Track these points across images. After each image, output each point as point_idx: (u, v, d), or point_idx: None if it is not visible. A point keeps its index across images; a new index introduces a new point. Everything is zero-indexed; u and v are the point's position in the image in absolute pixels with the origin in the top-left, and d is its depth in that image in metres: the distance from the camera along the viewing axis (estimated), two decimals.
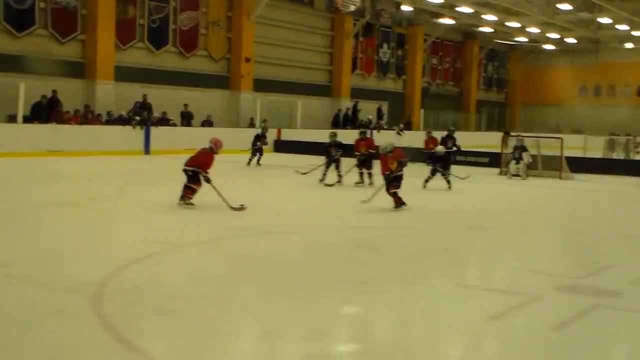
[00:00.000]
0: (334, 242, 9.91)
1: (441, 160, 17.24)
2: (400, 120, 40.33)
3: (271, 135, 30.20)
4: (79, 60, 26.46)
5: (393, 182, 12.88)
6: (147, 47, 28.72)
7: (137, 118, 25.47)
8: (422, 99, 43.35)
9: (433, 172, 17.11)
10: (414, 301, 6.94)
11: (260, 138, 22.49)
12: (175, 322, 5.92)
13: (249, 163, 21.98)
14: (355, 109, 36.73)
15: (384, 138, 31.91)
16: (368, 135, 18.81)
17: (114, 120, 25.60)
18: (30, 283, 6.94)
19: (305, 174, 16.66)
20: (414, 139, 34.86)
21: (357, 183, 17.06)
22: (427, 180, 16.90)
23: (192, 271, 7.79)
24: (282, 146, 29.30)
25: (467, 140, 27.71)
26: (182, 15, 29.85)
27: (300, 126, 32.56)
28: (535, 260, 9.24)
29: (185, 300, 6.53)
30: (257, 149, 22.20)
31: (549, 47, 49.00)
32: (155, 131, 25.42)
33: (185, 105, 28.54)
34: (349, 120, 35.40)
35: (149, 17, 28.62)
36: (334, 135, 17.63)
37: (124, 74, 27.16)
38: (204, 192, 12.75)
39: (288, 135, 30.28)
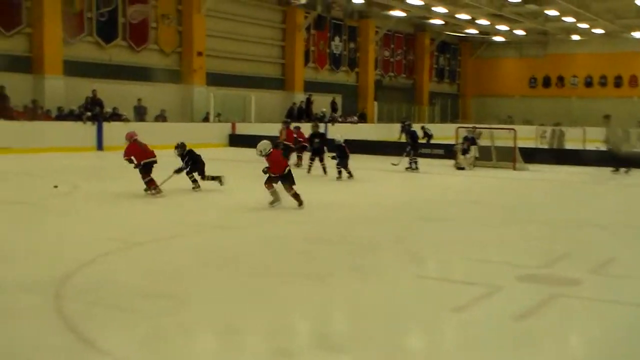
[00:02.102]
0: (288, 236, 9.86)
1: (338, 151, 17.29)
2: (355, 112, 40.53)
3: (225, 129, 30.11)
4: (26, 55, 25.89)
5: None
6: (96, 41, 28.24)
7: (89, 113, 25.03)
8: (375, 91, 43.50)
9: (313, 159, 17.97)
10: (373, 293, 6.91)
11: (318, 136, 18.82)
12: (136, 320, 5.84)
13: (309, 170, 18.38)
14: (308, 102, 36.69)
15: (338, 130, 32.14)
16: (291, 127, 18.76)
17: (64, 115, 25.12)
18: None
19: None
20: (369, 130, 35.11)
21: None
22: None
23: (150, 268, 7.67)
24: (237, 140, 29.12)
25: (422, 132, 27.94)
26: (131, 9, 29.39)
27: (254, 120, 32.39)
28: (493, 250, 9.29)
29: (145, 297, 6.45)
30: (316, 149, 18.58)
31: (498, 39, 49.59)
32: (107, 127, 25.02)
33: (139, 100, 28.22)
34: (303, 113, 35.33)
35: (97, 11, 28.10)
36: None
37: (73, 69, 26.66)
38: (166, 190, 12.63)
39: (242, 129, 30.09)
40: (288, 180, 12.20)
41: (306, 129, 20.41)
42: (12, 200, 12.39)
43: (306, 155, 18.95)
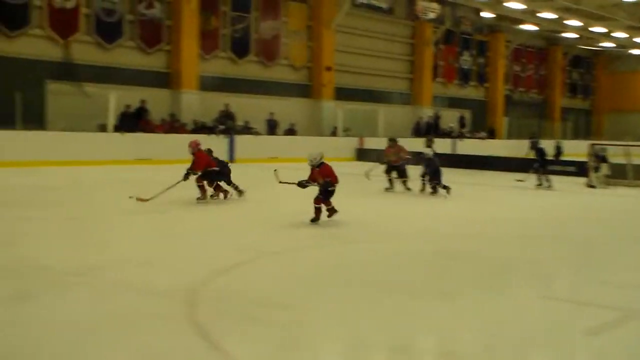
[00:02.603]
0: (416, 251, 9.84)
1: (429, 167, 16.76)
2: (483, 128, 39.99)
3: (353, 144, 30.40)
4: (164, 70, 27.17)
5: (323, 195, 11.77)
6: (229, 56, 29.29)
7: (221, 126, 25.95)
8: (505, 106, 42.71)
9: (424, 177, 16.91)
10: (501, 313, 6.78)
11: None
12: (265, 329, 5.99)
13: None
14: (436, 117, 36.50)
15: (467, 146, 31.75)
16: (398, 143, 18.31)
17: (199, 129, 26.14)
18: (123, 288, 7.13)
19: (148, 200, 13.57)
20: (498, 146, 34.54)
21: (386, 189, 17.26)
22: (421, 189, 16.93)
23: (279, 279, 7.85)
24: (364, 154, 29.34)
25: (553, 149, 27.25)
26: (263, 25, 30.28)
27: (382, 134, 32.52)
28: (629, 273, 8.91)
29: (273, 307, 6.60)
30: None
31: (637, 51, 47.57)
32: (239, 139, 25.85)
33: (271, 113, 29.02)
34: (431, 128, 35.18)
35: (231, 27, 29.17)
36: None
37: (208, 83, 27.78)
38: (288, 201, 12.92)
39: (370, 143, 30.29)
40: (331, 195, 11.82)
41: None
42: (151, 209, 12.98)
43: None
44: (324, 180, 11.66)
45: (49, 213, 12.22)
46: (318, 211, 11.71)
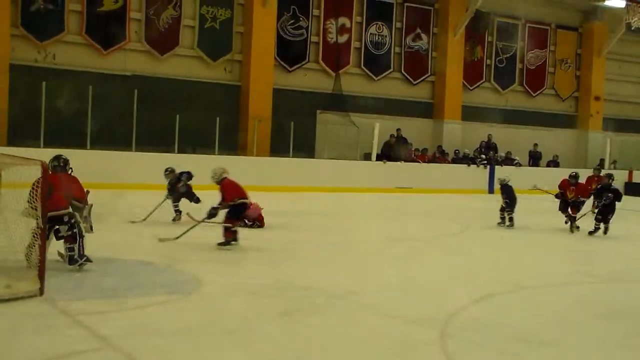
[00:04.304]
0: None
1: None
2: None
3: (621, 177, 28.79)
4: (428, 101, 27.77)
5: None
6: (493, 86, 29.24)
7: (483, 157, 25.95)
8: None
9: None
10: None
11: None
12: None
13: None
14: None
15: None
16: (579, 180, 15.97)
17: (460, 159, 26.36)
18: (376, 313, 7.37)
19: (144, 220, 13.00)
20: None
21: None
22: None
23: (537, 314, 7.67)
24: (633, 189, 27.67)
25: None
26: (529, 55, 29.90)
27: None
28: None
29: (530, 344, 6.48)
30: None
31: None
32: (499, 170, 25.59)
33: (535, 144, 28.49)
34: None
35: (495, 58, 29.14)
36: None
37: (470, 114, 27.95)
38: (552, 235, 12.60)
39: None
40: (235, 214, 10.62)
41: None
42: (409, 237, 13.37)
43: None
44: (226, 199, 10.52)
45: (314, 237, 12.93)
46: (227, 232, 10.56)
